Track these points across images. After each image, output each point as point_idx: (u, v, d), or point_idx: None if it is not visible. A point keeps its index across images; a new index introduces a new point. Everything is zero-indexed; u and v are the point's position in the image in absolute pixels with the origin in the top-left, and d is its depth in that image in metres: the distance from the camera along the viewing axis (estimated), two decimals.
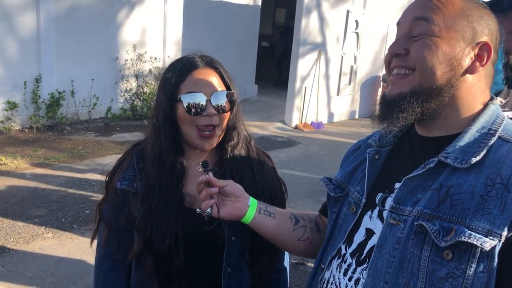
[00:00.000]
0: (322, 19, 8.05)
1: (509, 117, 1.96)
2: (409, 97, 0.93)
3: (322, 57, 8.23)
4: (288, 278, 1.59)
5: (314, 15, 7.91)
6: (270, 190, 1.40)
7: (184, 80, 1.30)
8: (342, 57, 8.59)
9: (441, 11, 0.92)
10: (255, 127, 7.45)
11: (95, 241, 1.44)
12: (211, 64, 1.33)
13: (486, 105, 0.96)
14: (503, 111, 1.94)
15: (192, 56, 1.34)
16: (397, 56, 0.96)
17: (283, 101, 8.36)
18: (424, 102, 0.93)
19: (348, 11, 8.35)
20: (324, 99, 8.52)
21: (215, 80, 1.31)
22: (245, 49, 9.16)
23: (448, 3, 0.93)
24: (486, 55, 0.93)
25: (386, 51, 0.99)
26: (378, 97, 1.02)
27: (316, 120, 8.32)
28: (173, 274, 1.29)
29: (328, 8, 8.09)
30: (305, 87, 8.07)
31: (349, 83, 8.92)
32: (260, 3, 9.32)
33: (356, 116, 9.23)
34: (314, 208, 4.69)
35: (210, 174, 1.16)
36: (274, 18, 12.35)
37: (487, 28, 0.94)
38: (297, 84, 7.95)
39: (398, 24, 0.98)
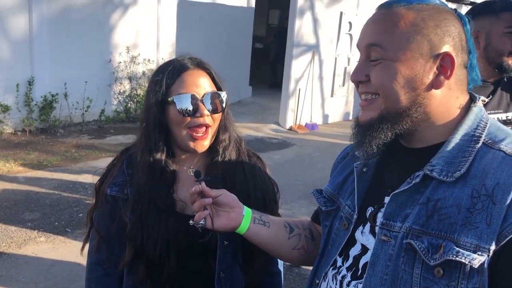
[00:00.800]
0: (315, 21, 8.07)
1: (502, 119, 1.97)
2: (379, 123, 0.92)
3: (316, 59, 8.24)
4: (283, 281, 1.58)
5: (307, 17, 7.92)
6: (262, 190, 1.39)
7: (175, 82, 1.29)
8: (335, 58, 8.60)
9: (392, 33, 0.89)
10: (250, 128, 7.45)
11: (87, 246, 1.42)
12: (201, 65, 1.32)
13: (468, 109, 0.94)
14: (496, 113, 1.95)
15: (181, 58, 1.33)
16: (360, 82, 0.95)
17: (277, 102, 8.36)
18: (394, 125, 0.91)
19: (341, 13, 8.36)
20: (318, 101, 8.53)
21: (206, 81, 1.31)
22: (239, 51, 9.15)
23: (399, 20, 0.89)
24: (450, 66, 0.89)
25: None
26: (353, 120, 1.01)
27: (310, 121, 8.33)
28: (165, 281, 1.28)
29: (322, 10, 8.10)
30: (299, 89, 8.07)
31: (343, 85, 8.93)
32: (253, 5, 9.31)
33: (350, 117, 9.23)
34: (309, 210, 4.68)
35: (203, 184, 1.13)
36: (268, 19, 12.35)
37: (445, 36, 0.89)
38: (291, 86, 7.95)
39: (357, 47, 0.97)
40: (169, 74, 1.30)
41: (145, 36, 7.50)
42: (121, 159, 1.38)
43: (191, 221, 1.13)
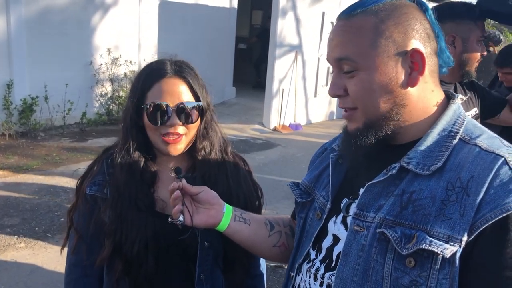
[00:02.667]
0: (298, 21, 8.09)
1: (472, 115, 2.02)
2: (364, 132, 0.93)
3: (299, 59, 8.27)
4: (265, 282, 1.57)
5: (290, 17, 7.94)
6: (245, 197, 1.38)
7: (151, 88, 1.29)
8: (318, 58, 8.63)
9: (356, 43, 0.89)
10: (233, 129, 7.43)
11: (65, 250, 1.40)
12: (179, 73, 1.31)
13: (447, 105, 0.95)
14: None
15: (162, 63, 1.32)
16: (338, 97, 0.96)
17: (261, 103, 8.35)
18: (378, 131, 0.92)
19: (323, 13, 8.40)
20: (301, 101, 8.55)
21: (182, 89, 1.29)
22: (223, 52, 9.13)
23: (359, 29, 0.90)
24: (420, 62, 0.89)
25: None
26: (342, 129, 1.02)
27: (294, 121, 8.35)
28: (142, 280, 1.27)
29: (304, 10, 8.13)
30: (283, 89, 8.08)
31: (326, 84, 8.96)
32: (236, 5, 9.30)
33: (334, 117, 9.29)
34: (292, 210, 4.67)
35: (183, 180, 1.13)
36: (251, 20, 12.33)
37: (409, 31, 0.89)
38: (275, 86, 7.96)
39: (327, 60, 0.97)
40: (147, 79, 1.30)
41: (127, 38, 7.42)
42: (101, 159, 1.38)
43: (169, 219, 1.13)
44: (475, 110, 2.08)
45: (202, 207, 1.15)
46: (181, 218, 1.12)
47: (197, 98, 1.32)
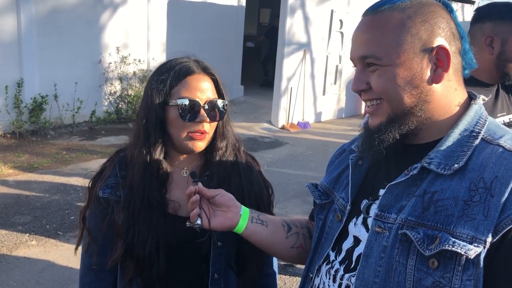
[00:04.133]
0: (306, 19, 8.06)
1: (505, 122, 1.95)
2: (387, 126, 0.93)
3: (308, 57, 8.24)
4: (277, 281, 1.57)
5: (298, 15, 7.92)
6: (257, 196, 1.38)
7: (178, 84, 1.26)
8: (327, 56, 8.61)
9: (382, 40, 0.89)
10: (242, 128, 7.43)
11: (80, 249, 1.40)
12: (206, 70, 1.30)
13: (468, 106, 0.95)
14: (502, 115, 1.92)
15: (186, 60, 1.31)
16: (362, 91, 0.95)
17: (269, 101, 8.35)
18: (401, 126, 0.92)
19: (332, 11, 8.37)
20: (310, 99, 8.53)
21: (209, 87, 1.29)
22: (230, 50, 9.13)
23: (386, 25, 0.90)
24: (445, 59, 0.89)
25: None
26: (362, 124, 1.02)
27: (303, 120, 8.33)
28: (154, 280, 1.26)
29: (312, 8, 8.11)
30: (291, 87, 8.06)
31: (335, 83, 8.94)
32: (244, 4, 9.29)
33: (343, 115, 9.26)
34: (302, 209, 4.68)
35: (200, 184, 1.13)
36: (259, 18, 12.33)
37: (435, 28, 0.89)
38: (283, 84, 7.94)
39: (351, 59, 0.97)
40: (174, 75, 1.27)
41: (135, 36, 7.45)
42: (114, 160, 1.36)
43: (187, 223, 1.12)
44: None
45: (219, 210, 1.15)
46: (198, 221, 1.11)
47: (220, 96, 1.32)
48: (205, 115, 1.26)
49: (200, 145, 1.29)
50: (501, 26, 1.80)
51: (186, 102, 1.24)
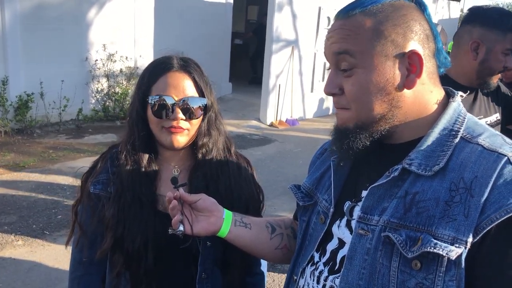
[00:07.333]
0: (294, 16, 8.07)
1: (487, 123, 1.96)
2: (355, 132, 0.92)
3: (295, 54, 8.25)
4: (266, 278, 1.57)
5: (286, 12, 7.92)
6: (246, 198, 1.38)
7: (156, 81, 1.29)
8: (315, 54, 8.63)
9: (355, 39, 0.89)
10: (230, 125, 7.42)
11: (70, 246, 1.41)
12: (185, 68, 1.31)
13: (446, 104, 0.94)
14: (479, 118, 1.93)
15: (168, 58, 1.32)
16: (333, 95, 0.95)
17: (257, 98, 8.34)
18: (371, 133, 0.92)
19: (320, 8, 8.38)
20: (298, 96, 8.55)
21: (187, 84, 1.29)
22: (219, 47, 9.09)
23: (359, 28, 0.89)
24: (418, 64, 0.88)
25: None
26: (332, 126, 1.01)
27: (291, 117, 8.34)
28: (142, 276, 1.27)
29: (300, 5, 8.11)
30: (279, 84, 8.07)
31: (323, 80, 8.95)
32: (232, 1, 9.26)
33: (330, 112, 9.29)
34: (290, 206, 4.68)
35: (181, 189, 1.13)
36: (247, 15, 12.31)
37: (407, 32, 0.88)
38: (271, 82, 7.95)
39: (325, 57, 0.96)
40: (153, 72, 1.30)
41: (122, 33, 7.38)
42: (106, 156, 1.38)
43: (170, 230, 1.12)
44: (496, 116, 2.02)
45: (201, 215, 1.14)
46: (181, 228, 1.11)
47: (201, 94, 1.32)
48: (180, 112, 1.27)
49: (180, 139, 1.30)
50: (490, 34, 1.79)
51: (160, 99, 1.27)
